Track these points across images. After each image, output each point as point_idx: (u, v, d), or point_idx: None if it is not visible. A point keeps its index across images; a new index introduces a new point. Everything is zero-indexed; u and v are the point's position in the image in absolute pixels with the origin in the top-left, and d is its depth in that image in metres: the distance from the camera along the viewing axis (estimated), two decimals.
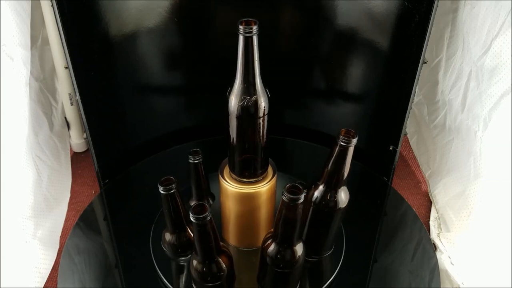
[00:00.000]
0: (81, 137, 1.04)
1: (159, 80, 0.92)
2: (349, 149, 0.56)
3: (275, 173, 0.67)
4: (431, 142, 1.00)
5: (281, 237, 0.55)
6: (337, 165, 0.58)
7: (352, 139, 0.55)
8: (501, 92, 0.72)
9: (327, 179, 0.60)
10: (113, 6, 0.77)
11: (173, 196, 0.62)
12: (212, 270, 0.57)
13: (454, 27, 0.90)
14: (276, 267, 0.58)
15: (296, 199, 0.50)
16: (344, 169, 0.59)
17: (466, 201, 0.80)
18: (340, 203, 0.62)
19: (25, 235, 0.74)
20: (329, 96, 0.96)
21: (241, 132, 0.60)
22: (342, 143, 0.56)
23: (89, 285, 0.68)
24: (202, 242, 0.55)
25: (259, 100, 0.56)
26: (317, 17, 0.87)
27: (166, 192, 0.61)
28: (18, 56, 0.74)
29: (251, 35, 0.51)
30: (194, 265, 0.58)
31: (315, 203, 0.62)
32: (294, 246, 0.56)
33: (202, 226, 0.52)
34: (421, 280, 0.69)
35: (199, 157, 0.73)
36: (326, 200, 0.61)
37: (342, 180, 0.60)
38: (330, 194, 0.61)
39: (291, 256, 0.56)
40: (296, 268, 0.59)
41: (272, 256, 0.57)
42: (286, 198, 0.51)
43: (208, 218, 0.52)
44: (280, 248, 0.56)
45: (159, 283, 0.68)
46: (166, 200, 0.62)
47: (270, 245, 0.57)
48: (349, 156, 0.57)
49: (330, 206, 0.61)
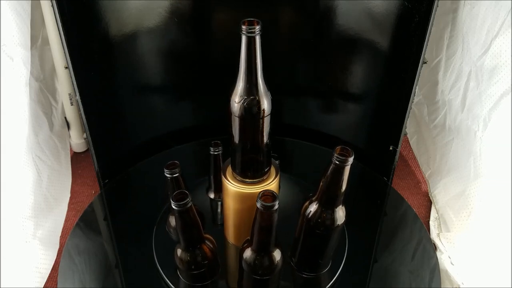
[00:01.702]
0: (81, 137, 1.04)
1: (159, 80, 0.92)
2: (345, 168, 0.52)
3: (278, 173, 0.67)
4: (431, 142, 1.00)
5: (258, 244, 0.55)
6: (333, 184, 0.55)
7: (349, 157, 0.51)
8: (501, 92, 0.72)
9: (323, 198, 0.57)
10: (113, 6, 0.77)
11: (178, 179, 0.62)
12: (196, 258, 0.59)
13: (454, 27, 0.90)
14: (254, 273, 0.57)
15: (271, 206, 0.50)
16: (340, 189, 0.55)
17: (466, 201, 0.80)
18: (336, 222, 0.58)
19: (25, 235, 0.74)
20: (329, 96, 0.96)
21: (243, 132, 0.60)
22: (337, 162, 0.52)
23: (89, 285, 0.68)
24: (184, 230, 0.56)
25: (261, 100, 0.56)
26: (317, 17, 0.87)
27: (171, 176, 0.61)
28: (18, 56, 0.74)
29: (254, 35, 0.51)
30: (178, 254, 0.59)
31: (310, 222, 0.59)
32: (272, 253, 0.56)
33: (182, 213, 0.53)
34: (421, 280, 0.69)
35: (219, 149, 0.74)
36: (322, 219, 0.58)
37: (339, 199, 0.57)
38: (326, 213, 0.58)
39: (269, 263, 0.56)
40: (274, 275, 0.58)
41: (250, 263, 0.56)
42: (260, 206, 0.50)
43: (188, 205, 0.53)
44: (257, 255, 0.56)
45: (159, 283, 0.68)
46: (171, 184, 0.62)
47: (247, 251, 0.57)
48: (346, 175, 0.53)
49: (327, 225, 0.58)
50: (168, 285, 0.67)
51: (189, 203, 0.53)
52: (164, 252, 0.71)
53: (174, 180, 0.62)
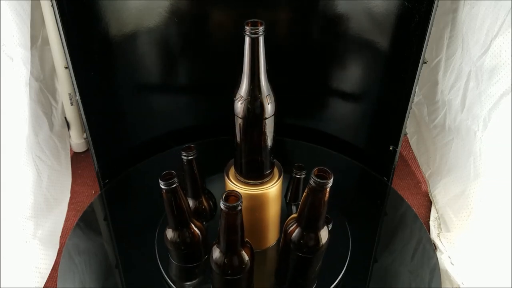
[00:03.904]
0: (81, 137, 1.04)
1: (159, 80, 0.92)
2: (324, 191, 0.50)
3: (281, 174, 0.67)
4: (431, 142, 1.00)
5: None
6: (313, 207, 0.53)
7: (328, 180, 0.49)
8: (501, 92, 0.72)
9: (304, 220, 0.55)
10: (113, 6, 0.77)
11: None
12: (186, 239, 0.63)
13: (454, 27, 0.90)
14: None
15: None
16: (320, 212, 0.53)
17: (466, 201, 0.80)
18: (318, 245, 0.56)
19: (25, 235, 0.74)
20: (329, 96, 0.96)
21: (247, 133, 0.60)
22: (314, 184, 0.50)
23: (89, 285, 0.68)
24: (172, 211, 0.61)
25: (265, 101, 0.56)
26: (317, 17, 0.87)
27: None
28: (18, 56, 0.74)
29: (258, 36, 0.51)
30: (169, 237, 0.64)
31: (292, 243, 0.57)
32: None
33: (170, 192, 0.58)
34: (421, 280, 0.69)
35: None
36: (305, 241, 0.56)
37: (320, 222, 0.55)
38: (307, 236, 0.56)
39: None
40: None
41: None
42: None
43: (174, 185, 0.57)
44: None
45: (160, 283, 0.68)
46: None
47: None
48: (325, 198, 0.51)
49: (309, 246, 0.56)
50: (170, 285, 0.67)
51: (175, 183, 0.57)
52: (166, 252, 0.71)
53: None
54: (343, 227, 0.77)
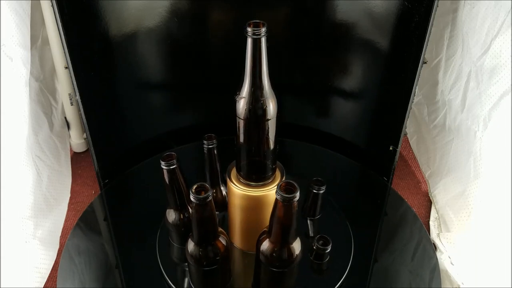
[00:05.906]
0: (81, 137, 1.04)
1: (159, 80, 0.92)
2: (291, 205, 0.50)
3: (283, 176, 0.66)
4: (431, 142, 1.00)
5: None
6: (283, 221, 0.52)
7: (294, 193, 0.49)
8: (501, 92, 0.72)
9: (274, 234, 0.55)
10: (113, 6, 0.77)
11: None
12: (184, 219, 0.66)
13: (454, 27, 0.90)
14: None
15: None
16: (291, 225, 0.53)
17: (466, 201, 0.80)
18: (291, 257, 0.56)
19: (25, 235, 0.74)
20: (329, 96, 0.96)
21: (249, 135, 0.59)
22: (281, 199, 0.49)
23: (89, 285, 0.68)
24: (172, 191, 0.63)
25: (267, 102, 0.55)
26: (317, 17, 0.87)
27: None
28: (18, 56, 0.74)
29: (260, 37, 0.51)
30: (169, 217, 0.67)
31: (265, 257, 0.57)
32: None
33: (170, 172, 0.60)
34: (421, 280, 0.69)
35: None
36: (277, 254, 0.55)
37: (291, 234, 0.55)
38: (280, 249, 0.55)
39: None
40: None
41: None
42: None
43: (173, 166, 0.60)
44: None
45: (160, 283, 0.68)
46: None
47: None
48: (294, 211, 0.51)
49: (283, 260, 0.56)
50: (170, 285, 0.67)
51: (174, 164, 0.60)
52: (167, 252, 0.71)
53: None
54: (344, 227, 0.77)
